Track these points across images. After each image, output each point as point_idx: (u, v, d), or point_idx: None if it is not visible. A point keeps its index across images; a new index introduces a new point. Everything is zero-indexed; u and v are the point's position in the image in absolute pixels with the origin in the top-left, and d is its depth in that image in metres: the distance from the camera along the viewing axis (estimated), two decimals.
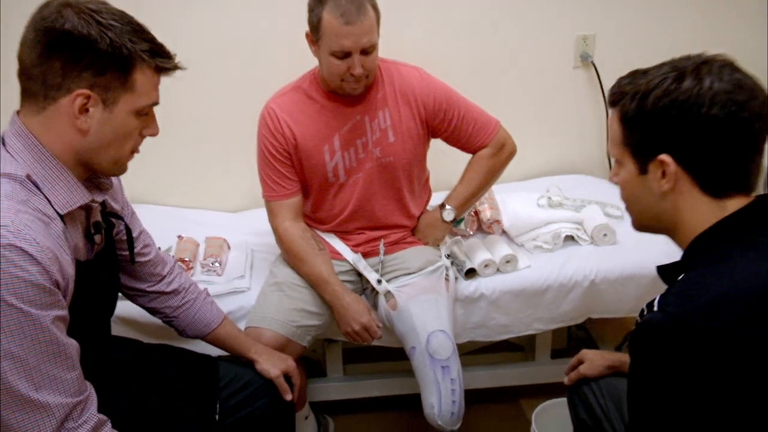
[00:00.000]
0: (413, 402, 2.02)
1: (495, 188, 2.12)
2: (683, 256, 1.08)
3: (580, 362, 1.57)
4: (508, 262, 1.95)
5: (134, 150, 1.22)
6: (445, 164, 2.04)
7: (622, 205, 1.18)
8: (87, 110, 1.11)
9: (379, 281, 1.85)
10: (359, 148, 1.83)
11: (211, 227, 2.25)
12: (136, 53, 1.12)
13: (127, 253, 1.40)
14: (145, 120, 1.20)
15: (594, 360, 1.53)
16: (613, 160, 1.19)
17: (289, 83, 1.87)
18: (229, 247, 2.14)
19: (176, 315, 1.55)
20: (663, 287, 2.12)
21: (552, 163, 2.57)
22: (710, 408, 0.96)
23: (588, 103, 2.51)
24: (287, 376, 1.54)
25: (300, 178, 1.86)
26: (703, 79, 0.99)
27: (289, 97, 1.83)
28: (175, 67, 1.19)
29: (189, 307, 1.56)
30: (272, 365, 1.53)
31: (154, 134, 1.23)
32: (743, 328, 0.92)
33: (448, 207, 1.91)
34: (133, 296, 1.53)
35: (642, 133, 1.05)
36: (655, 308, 0.99)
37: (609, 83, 2.40)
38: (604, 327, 2.36)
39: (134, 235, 1.43)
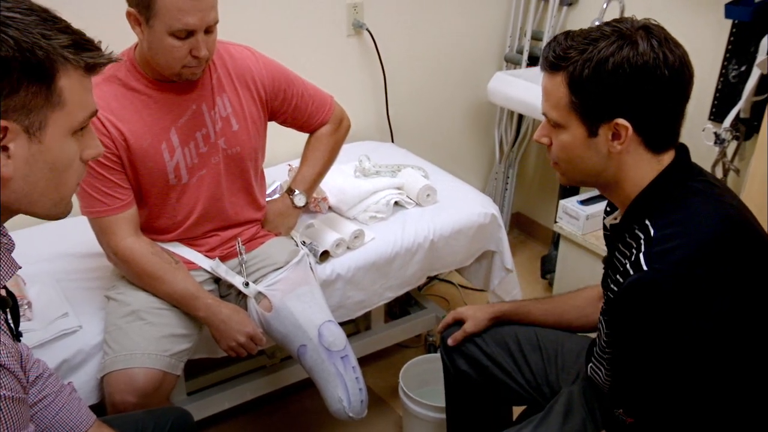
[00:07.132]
0: (262, 402, 1.99)
1: None
2: (630, 209, 1.15)
3: (458, 320, 1.63)
4: (356, 237, 1.93)
5: (79, 181, 0.91)
6: None
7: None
8: (5, 149, 0.80)
9: (246, 284, 1.68)
10: (200, 142, 1.61)
11: None
12: (56, 52, 0.81)
13: None
14: (82, 138, 0.90)
15: (476, 316, 1.58)
16: (540, 121, 1.21)
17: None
18: (24, 283, 1.72)
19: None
20: (484, 237, 2.29)
21: None
22: (712, 351, 1.03)
23: (364, 71, 2.55)
24: None
25: (133, 185, 1.57)
26: (653, 44, 1.05)
27: (104, 91, 1.52)
28: (109, 60, 0.88)
29: (49, 403, 1.11)
30: None
31: (99, 154, 0.93)
32: (723, 265, 1.04)
33: (297, 192, 1.81)
34: None
35: (597, 97, 1.07)
36: (644, 267, 1.03)
37: (384, 49, 2.49)
38: None
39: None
